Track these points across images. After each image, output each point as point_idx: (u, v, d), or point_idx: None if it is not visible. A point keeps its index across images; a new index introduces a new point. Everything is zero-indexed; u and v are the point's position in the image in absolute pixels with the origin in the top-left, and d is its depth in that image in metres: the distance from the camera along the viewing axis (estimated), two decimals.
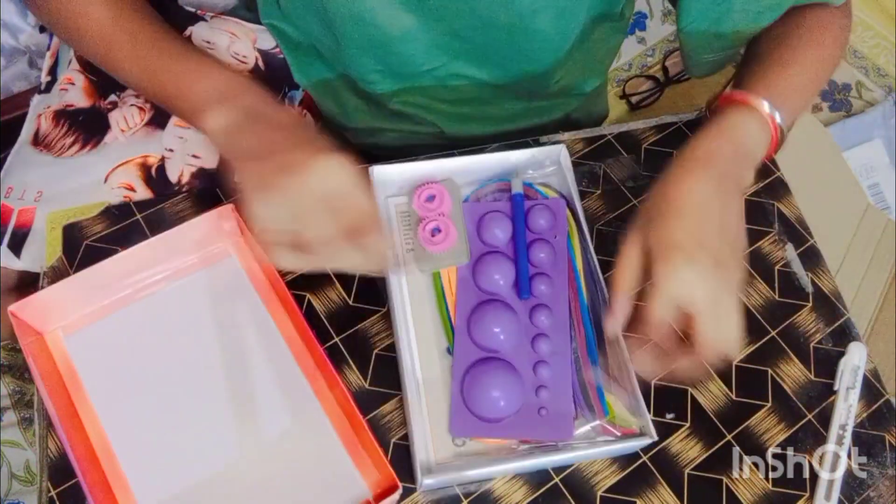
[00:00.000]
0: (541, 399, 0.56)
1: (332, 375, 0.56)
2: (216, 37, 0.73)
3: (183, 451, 0.56)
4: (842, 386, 0.61)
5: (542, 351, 0.58)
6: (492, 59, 0.68)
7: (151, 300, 0.61)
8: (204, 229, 0.60)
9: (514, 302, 0.60)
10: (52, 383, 0.56)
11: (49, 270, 0.63)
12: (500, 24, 0.63)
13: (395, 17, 0.62)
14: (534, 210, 0.63)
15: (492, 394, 0.55)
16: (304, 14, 0.67)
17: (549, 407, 0.56)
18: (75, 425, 0.55)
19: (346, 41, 0.65)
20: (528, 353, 0.58)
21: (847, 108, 1.56)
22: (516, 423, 0.55)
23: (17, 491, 1.12)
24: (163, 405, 0.58)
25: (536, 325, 0.59)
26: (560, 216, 0.63)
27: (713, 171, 0.54)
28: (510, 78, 0.70)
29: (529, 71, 0.70)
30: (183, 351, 0.60)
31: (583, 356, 0.58)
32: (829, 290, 0.66)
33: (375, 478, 0.55)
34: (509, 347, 0.58)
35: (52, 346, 0.59)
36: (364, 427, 0.53)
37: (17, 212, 0.67)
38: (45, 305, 0.57)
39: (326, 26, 0.65)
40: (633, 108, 1.53)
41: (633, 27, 1.66)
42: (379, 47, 0.65)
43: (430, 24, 0.63)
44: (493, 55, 0.67)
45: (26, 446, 1.15)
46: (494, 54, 0.67)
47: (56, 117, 0.71)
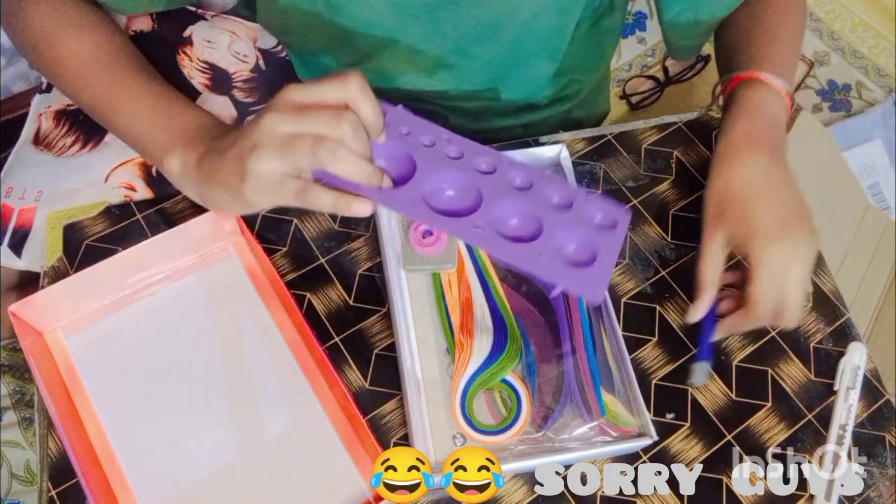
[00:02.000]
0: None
1: (331, 375, 0.56)
2: (216, 36, 0.73)
3: (183, 451, 0.56)
4: (842, 386, 0.61)
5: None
6: (494, 71, 0.69)
7: (152, 300, 0.61)
8: (204, 229, 0.60)
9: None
10: (53, 383, 0.56)
11: (49, 270, 0.63)
12: (503, 33, 0.63)
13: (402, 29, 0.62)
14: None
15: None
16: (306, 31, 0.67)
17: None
18: (75, 425, 0.55)
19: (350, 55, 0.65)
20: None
21: (847, 109, 1.56)
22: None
23: (17, 491, 1.12)
24: (163, 405, 0.58)
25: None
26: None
27: (760, 149, 0.58)
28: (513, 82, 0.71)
29: (529, 78, 0.70)
30: (183, 351, 0.60)
31: (581, 356, 0.58)
32: (829, 290, 0.66)
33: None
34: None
35: (53, 345, 0.59)
36: (364, 427, 0.53)
37: (18, 211, 0.67)
38: (46, 305, 0.57)
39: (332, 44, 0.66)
40: (633, 108, 1.53)
41: (633, 27, 1.66)
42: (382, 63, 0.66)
43: (437, 42, 0.64)
44: (496, 67, 0.68)
45: (26, 446, 1.15)
46: (497, 66, 0.68)
47: (57, 117, 0.71)
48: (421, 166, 0.52)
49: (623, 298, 0.64)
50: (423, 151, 0.52)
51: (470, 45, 0.65)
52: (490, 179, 0.53)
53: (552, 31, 0.65)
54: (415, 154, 0.52)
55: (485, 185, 0.52)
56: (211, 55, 0.73)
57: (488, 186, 0.52)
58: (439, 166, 0.52)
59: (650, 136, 0.73)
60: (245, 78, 0.74)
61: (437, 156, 0.53)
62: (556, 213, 0.52)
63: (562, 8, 0.63)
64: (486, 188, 0.52)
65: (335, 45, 0.67)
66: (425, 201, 0.51)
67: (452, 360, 0.59)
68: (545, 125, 0.80)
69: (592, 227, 0.53)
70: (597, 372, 0.57)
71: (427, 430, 0.56)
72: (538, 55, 0.68)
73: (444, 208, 0.51)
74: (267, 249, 0.63)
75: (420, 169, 0.51)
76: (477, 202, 0.52)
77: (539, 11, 0.63)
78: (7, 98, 1.06)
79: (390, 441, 0.57)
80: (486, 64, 0.68)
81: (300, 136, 0.47)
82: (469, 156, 0.53)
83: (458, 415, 0.56)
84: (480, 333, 0.58)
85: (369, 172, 0.49)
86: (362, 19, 0.62)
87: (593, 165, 0.71)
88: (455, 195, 0.53)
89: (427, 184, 0.51)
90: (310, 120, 0.47)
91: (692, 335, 0.63)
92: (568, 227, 0.52)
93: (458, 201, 0.52)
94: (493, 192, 0.52)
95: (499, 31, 0.63)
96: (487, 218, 0.51)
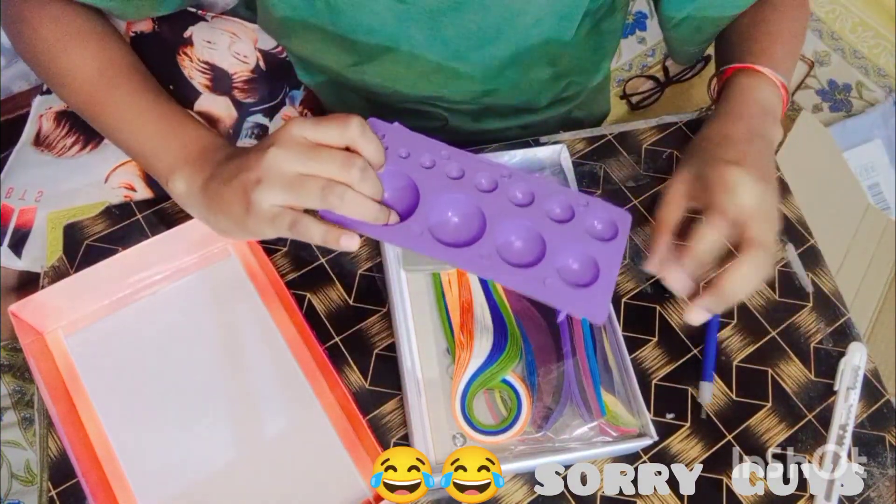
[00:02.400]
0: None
1: (332, 376, 0.56)
2: (217, 37, 0.73)
3: (183, 451, 0.56)
4: (842, 386, 0.61)
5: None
6: (495, 75, 0.69)
7: (152, 300, 0.61)
8: (204, 229, 0.60)
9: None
10: (53, 383, 0.56)
11: (49, 270, 0.63)
12: (504, 39, 0.63)
13: (403, 35, 0.63)
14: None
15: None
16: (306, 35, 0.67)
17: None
18: (76, 425, 0.55)
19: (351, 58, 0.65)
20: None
21: (847, 109, 1.56)
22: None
23: (17, 491, 1.12)
24: (163, 405, 0.58)
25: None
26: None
27: (746, 122, 0.58)
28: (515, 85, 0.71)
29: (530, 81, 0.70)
30: (183, 351, 0.60)
31: (581, 356, 0.58)
32: (829, 290, 0.66)
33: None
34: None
35: (53, 346, 0.59)
36: (364, 427, 0.53)
37: (18, 211, 0.67)
38: (46, 305, 0.57)
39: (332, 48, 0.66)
40: (633, 108, 1.53)
41: (633, 27, 1.66)
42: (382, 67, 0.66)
43: (438, 48, 0.64)
44: (496, 71, 0.68)
45: (26, 446, 1.15)
46: (497, 70, 0.68)
47: (58, 118, 0.71)
48: (424, 193, 0.52)
49: (623, 298, 0.64)
50: (424, 175, 0.53)
51: (471, 51, 0.65)
52: (492, 199, 0.54)
53: (552, 36, 0.65)
54: (417, 179, 0.53)
55: (487, 206, 0.53)
56: (211, 56, 0.73)
57: (491, 208, 0.53)
58: (442, 191, 0.53)
59: (650, 136, 0.73)
60: (245, 78, 0.74)
61: (439, 179, 0.53)
62: (558, 227, 0.53)
63: (562, 14, 0.63)
64: (488, 209, 0.53)
65: (335, 49, 0.67)
66: (431, 233, 0.51)
67: (452, 360, 0.59)
68: (545, 126, 0.80)
69: (594, 238, 0.54)
70: (597, 372, 0.57)
71: (427, 430, 0.56)
72: (538, 59, 0.69)
73: (448, 238, 0.52)
74: (267, 249, 0.63)
75: (423, 196, 0.52)
76: (481, 225, 0.53)
77: (540, 17, 0.63)
78: (7, 98, 1.06)
79: (390, 441, 0.57)
80: (486, 68, 0.68)
81: (310, 178, 0.48)
82: (470, 173, 0.54)
83: (458, 415, 0.56)
84: (480, 333, 0.58)
85: (376, 211, 0.50)
86: (364, 24, 0.62)
87: (593, 165, 0.71)
88: (459, 221, 0.54)
89: (431, 213, 0.52)
90: (319, 162, 0.48)
91: (692, 335, 0.63)
92: (570, 244, 0.53)
93: (462, 227, 0.53)
94: (495, 213, 0.53)
95: (500, 36, 0.64)
96: (492, 244, 0.52)
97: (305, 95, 0.80)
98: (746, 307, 0.65)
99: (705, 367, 0.61)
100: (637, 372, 0.59)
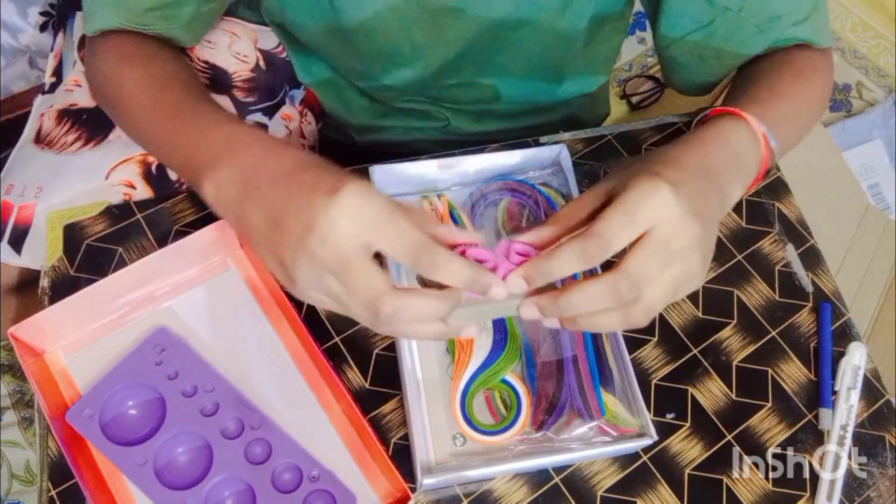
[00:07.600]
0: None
1: (337, 387, 0.56)
2: (217, 36, 0.73)
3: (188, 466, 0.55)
4: (842, 386, 0.61)
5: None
6: (497, 73, 0.69)
7: (153, 316, 0.60)
8: (202, 243, 0.59)
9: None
10: (55, 404, 0.55)
11: (49, 270, 0.63)
12: (506, 42, 0.63)
13: (407, 34, 0.62)
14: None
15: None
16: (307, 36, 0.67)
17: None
18: (83, 452, 0.55)
19: (356, 54, 0.65)
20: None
21: (847, 109, 1.56)
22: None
23: (17, 491, 1.12)
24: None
25: None
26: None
27: (703, 156, 0.48)
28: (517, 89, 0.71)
29: (536, 80, 0.70)
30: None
31: (581, 356, 0.58)
32: (829, 290, 0.66)
33: (386, 489, 0.55)
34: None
35: (53, 366, 0.58)
36: (371, 436, 0.53)
37: (17, 208, 0.67)
38: (45, 326, 0.56)
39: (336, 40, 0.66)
40: (633, 108, 1.53)
41: (634, 27, 1.66)
42: (388, 60, 0.66)
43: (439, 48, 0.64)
44: (500, 69, 0.68)
45: (26, 446, 1.15)
46: (500, 68, 0.68)
47: (59, 116, 0.71)
48: (168, 420, 0.55)
49: None
50: (177, 401, 0.56)
51: (473, 52, 0.65)
52: (229, 447, 0.55)
53: (556, 40, 0.65)
54: (168, 402, 0.55)
55: (221, 453, 0.54)
56: (211, 55, 0.73)
57: (223, 456, 0.54)
58: (184, 424, 0.55)
59: (650, 137, 0.73)
60: (245, 78, 0.74)
61: (189, 410, 0.55)
62: (277, 495, 0.53)
63: (567, 18, 0.63)
64: (219, 457, 0.54)
65: (337, 49, 0.67)
66: (154, 463, 0.53)
67: (452, 360, 0.59)
68: (545, 126, 0.80)
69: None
70: (597, 372, 0.57)
71: (427, 430, 0.56)
72: (541, 62, 0.68)
73: (173, 471, 0.54)
74: None
75: (166, 423, 0.55)
76: (206, 467, 0.54)
77: (544, 21, 0.62)
78: (7, 98, 1.06)
79: (390, 441, 0.57)
80: (488, 70, 0.68)
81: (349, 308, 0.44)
82: (222, 413, 0.56)
83: (458, 415, 0.56)
84: (480, 333, 0.58)
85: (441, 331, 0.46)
86: (365, 25, 0.62)
87: (593, 165, 0.71)
88: (187, 459, 0.55)
89: (163, 443, 0.54)
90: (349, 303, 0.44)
91: (692, 335, 0.63)
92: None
93: (188, 465, 0.55)
94: (222, 464, 0.54)
95: (502, 39, 0.63)
96: (201, 495, 0.53)
97: (305, 95, 0.80)
98: (746, 307, 0.65)
99: (822, 392, 0.60)
100: (637, 372, 0.59)
